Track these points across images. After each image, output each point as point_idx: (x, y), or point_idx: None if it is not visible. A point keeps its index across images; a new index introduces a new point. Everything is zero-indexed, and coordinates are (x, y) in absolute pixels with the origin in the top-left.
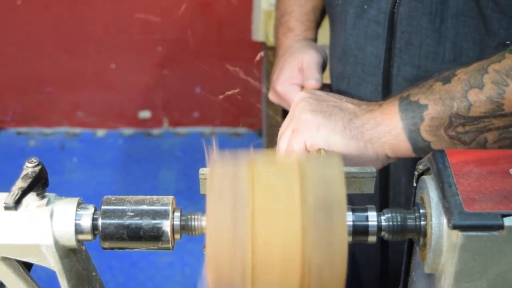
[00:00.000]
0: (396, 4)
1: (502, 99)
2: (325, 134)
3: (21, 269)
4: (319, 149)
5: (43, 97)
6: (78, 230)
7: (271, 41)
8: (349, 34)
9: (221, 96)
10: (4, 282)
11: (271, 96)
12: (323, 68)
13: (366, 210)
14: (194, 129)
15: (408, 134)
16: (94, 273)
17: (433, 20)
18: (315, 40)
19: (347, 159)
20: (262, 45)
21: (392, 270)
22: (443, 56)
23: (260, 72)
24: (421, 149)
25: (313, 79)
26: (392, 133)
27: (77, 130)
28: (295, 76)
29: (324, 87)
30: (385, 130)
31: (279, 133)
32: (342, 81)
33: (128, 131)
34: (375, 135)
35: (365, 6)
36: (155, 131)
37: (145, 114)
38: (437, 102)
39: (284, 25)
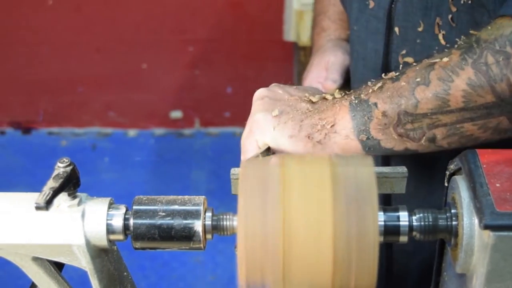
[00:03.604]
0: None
1: (447, 95)
2: (274, 134)
3: (53, 269)
4: (268, 147)
5: (74, 97)
6: (110, 230)
7: (302, 41)
8: (352, 29)
9: None
10: (36, 282)
11: None
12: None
13: (397, 210)
14: (226, 129)
15: (357, 134)
16: (125, 273)
17: (429, 15)
18: (348, 39)
19: None
20: (294, 45)
21: (396, 271)
22: (438, 51)
23: (292, 72)
24: (370, 147)
25: (331, 80)
26: (342, 133)
27: (109, 130)
28: (321, 75)
29: (345, 88)
30: (335, 130)
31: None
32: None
33: (159, 131)
34: (324, 136)
35: (367, 2)
36: (187, 131)
37: (176, 114)
38: (385, 101)
39: (318, 24)
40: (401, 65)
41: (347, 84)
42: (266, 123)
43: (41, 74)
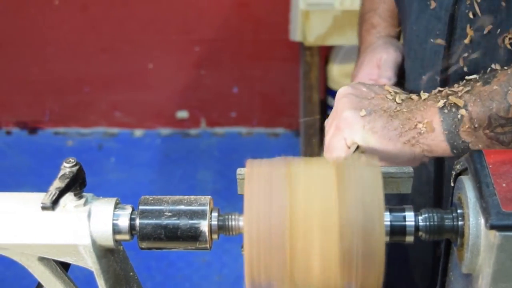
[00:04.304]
0: (458, 1)
1: None
2: (363, 133)
3: (59, 269)
4: (357, 146)
5: (80, 97)
6: (116, 230)
7: (308, 41)
8: (411, 29)
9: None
10: (42, 282)
11: None
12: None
13: (403, 210)
14: (232, 129)
15: (447, 136)
16: (131, 273)
17: (495, 17)
18: (398, 37)
19: (384, 159)
20: (300, 45)
21: (397, 270)
22: (501, 54)
23: (298, 72)
24: (459, 149)
25: (385, 78)
26: (431, 135)
27: (115, 130)
28: (374, 73)
29: (398, 85)
30: (424, 131)
31: (325, 129)
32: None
33: (165, 131)
34: (413, 136)
35: (428, 2)
36: (193, 131)
37: (182, 114)
38: (476, 103)
39: (367, 21)
40: (463, 68)
41: (399, 82)
42: (356, 121)
43: (47, 74)
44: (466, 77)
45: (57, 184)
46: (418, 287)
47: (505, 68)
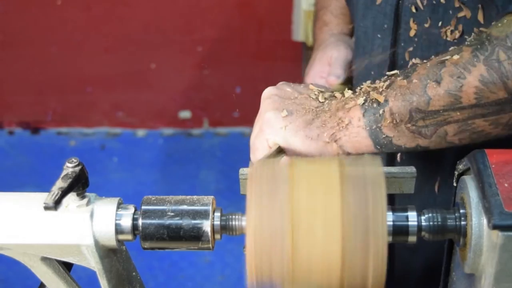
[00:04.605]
0: None
1: (460, 92)
2: (285, 133)
3: (61, 269)
4: (278, 147)
5: (83, 97)
6: (119, 230)
7: (311, 41)
8: (358, 25)
9: None
10: (45, 282)
11: None
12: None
13: (406, 210)
14: (234, 129)
15: (369, 132)
16: (134, 273)
17: (436, 10)
18: (351, 34)
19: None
20: (302, 45)
21: (398, 270)
22: (445, 47)
23: (300, 72)
24: (382, 144)
25: (334, 75)
26: (353, 131)
27: (118, 130)
28: (324, 70)
29: (348, 82)
30: (346, 128)
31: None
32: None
33: (168, 131)
34: (335, 134)
35: None
36: (195, 131)
37: (185, 114)
38: (397, 98)
39: (320, 19)
40: (408, 62)
41: (349, 79)
42: (277, 122)
43: (50, 74)
44: (387, 73)
45: (60, 184)
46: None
47: (425, 61)
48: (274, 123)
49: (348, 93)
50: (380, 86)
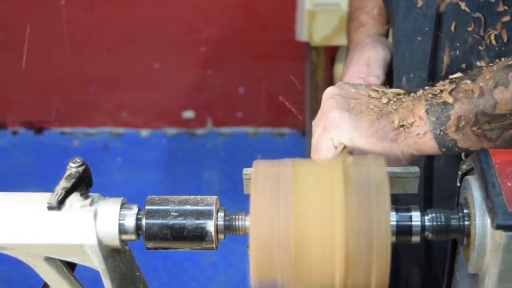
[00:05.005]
0: None
1: None
2: (350, 133)
3: (65, 269)
4: (344, 146)
5: (87, 97)
6: (122, 230)
7: (314, 41)
8: (398, 27)
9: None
10: (48, 282)
11: None
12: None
13: (409, 210)
14: (238, 129)
15: (434, 134)
16: (137, 273)
17: (480, 14)
18: (387, 35)
19: None
20: (306, 45)
21: (435, 271)
22: (487, 52)
23: (304, 72)
24: (446, 147)
25: (374, 76)
26: (418, 133)
27: (121, 130)
28: (362, 71)
29: (387, 84)
30: (411, 130)
31: (312, 130)
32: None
33: (171, 131)
34: (400, 135)
35: (415, 0)
36: (199, 131)
37: (188, 114)
38: (463, 101)
39: (355, 19)
40: (449, 65)
41: (388, 80)
42: (343, 121)
43: (53, 74)
44: (450, 76)
45: (63, 184)
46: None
47: (491, 64)
48: (339, 122)
49: (411, 94)
50: (445, 89)
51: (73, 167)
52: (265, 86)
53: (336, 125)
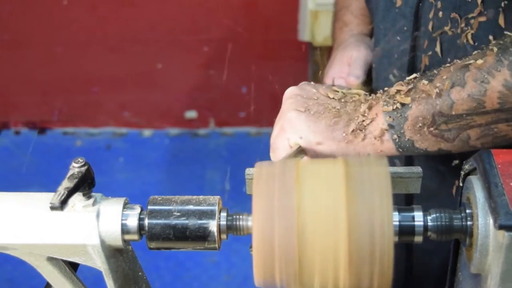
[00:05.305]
0: None
1: (483, 97)
2: (307, 133)
3: (67, 269)
4: (299, 147)
5: (89, 97)
6: (125, 230)
7: (317, 41)
8: (377, 27)
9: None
10: (51, 282)
11: None
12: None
13: (412, 210)
14: (241, 129)
15: (391, 134)
16: (140, 273)
17: (456, 14)
18: (371, 34)
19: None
20: (309, 45)
21: (416, 271)
22: (465, 51)
23: (306, 72)
24: (404, 147)
25: (354, 76)
26: (376, 134)
27: (124, 130)
28: (344, 70)
29: (368, 83)
30: (368, 130)
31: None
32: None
33: (174, 131)
34: (357, 136)
35: (394, 0)
36: (202, 131)
37: (191, 114)
38: (420, 101)
39: (340, 19)
40: (427, 65)
41: (369, 80)
42: (299, 122)
43: (56, 74)
44: (407, 77)
45: (66, 184)
46: None
47: (448, 65)
48: (296, 122)
49: (370, 95)
50: (403, 90)
51: (75, 167)
52: (268, 86)
53: (293, 125)
